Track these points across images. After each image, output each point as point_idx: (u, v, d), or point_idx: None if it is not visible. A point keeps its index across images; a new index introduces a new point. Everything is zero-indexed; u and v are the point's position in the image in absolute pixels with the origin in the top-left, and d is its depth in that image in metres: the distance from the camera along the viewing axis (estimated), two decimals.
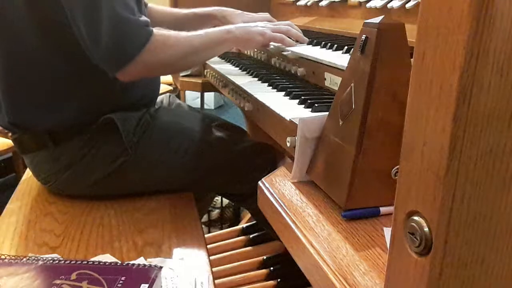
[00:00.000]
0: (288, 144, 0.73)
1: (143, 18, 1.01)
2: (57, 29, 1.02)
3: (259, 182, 0.74)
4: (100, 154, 1.09)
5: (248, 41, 1.16)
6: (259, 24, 1.21)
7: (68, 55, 1.05)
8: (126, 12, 0.96)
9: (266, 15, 1.40)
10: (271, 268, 1.40)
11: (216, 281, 1.21)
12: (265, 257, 1.45)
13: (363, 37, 0.56)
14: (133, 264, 0.81)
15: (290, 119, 0.76)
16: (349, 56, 0.61)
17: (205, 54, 1.13)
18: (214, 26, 1.19)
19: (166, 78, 2.46)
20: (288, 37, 1.19)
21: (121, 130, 1.07)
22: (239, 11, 1.38)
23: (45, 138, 1.08)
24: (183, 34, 1.08)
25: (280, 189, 0.69)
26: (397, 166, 0.36)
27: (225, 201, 2.07)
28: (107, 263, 0.82)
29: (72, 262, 0.82)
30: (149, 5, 1.36)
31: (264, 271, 1.40)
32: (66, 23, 0.99)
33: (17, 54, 1.05)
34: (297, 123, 0.67)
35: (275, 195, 0.68)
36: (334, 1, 1.39)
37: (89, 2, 0.94)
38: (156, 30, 1.01)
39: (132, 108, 1.13)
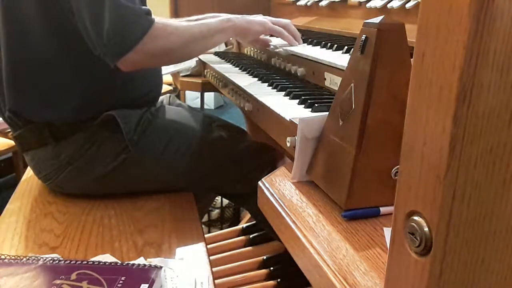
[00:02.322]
0: (288, 144, 0.73)
1: (145, 7, 1.02)
2: (61, 23, 1.03)
3: (259, 182, 0.74)
4: (101, 151, 1.10)
5: (247, 30, 1.16)
6: (258, 16, 1.22)
7: (70, 49, 1.06)
8: (127, 1, 0.97)
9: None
10: (271, 268, 1.40)
11: (216, 281, 1.21)
12: (265, 257, 1.45)
13: (363, 37, 0.56)
14: (133, 264, 0.81)
15: (290, 119, 0.76)
16: (349, 56, 0.61)
17: (205, 42, 1.13)
18: None
19: (166, 78, 2.45)
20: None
21: (122, 127, 1.07)
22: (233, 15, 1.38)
23: (46, 134, 1.09)
24: (184, 23, 1.09)
25: (280, 189, 0.69)
26: (397, 166, 0.36)
27: (225, 201, 2.07)
28: (107, 263, 0.82)
29: (72, 262, 0.82)
30: None
31: (264, 271, 1.40)
32: (70, 16, 1.00)
33: (21, 45, 1.06)
34: (297, 123, 0.67)
35: (275, 195, 0.68)
36: (334, 1, 1.39)
37: None
38: (157, 19, 1.02)
39: (133, 106, 1.13)
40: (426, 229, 0.32)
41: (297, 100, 0.90)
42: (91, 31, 0.97)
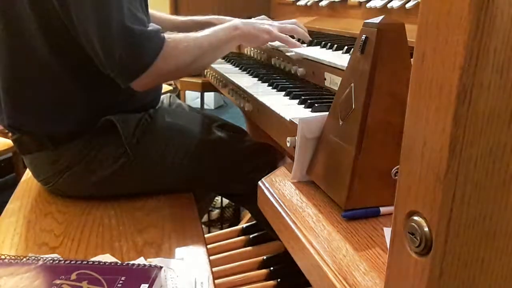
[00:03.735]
0: (288, 144, 0.73)
1: (154, 26, 1.01)
2: (64, 39, 1.02)
3: (259, 182, 0.74)
4: (100, 155, 1.09)
5: (254, 38, 1.16)
6: (265, 22, 1.22)
7: (73, 64, 1.05)
8: (137, 24, 0.96)
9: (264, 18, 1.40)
10: (271, 268, 1.40)
11: (216, 281, 1.21)
12: (265, 257, 1.45)
13: (363, 37, 0.56)
14: (133, 264, 0.81)
15: (290, 119, 0.76)
16: (349, 56, 0.61)
17: (214, 53, 1.13)
18: None
19: None
20: (293, 37, 1.20)
21: (120, 132, 1.07)
22: (237, 19, 1.38)
23: (44, 140, 1.08)
24: (192, 36, 1.08)
25: (280, 189, 0.69)
26: (397, 166, 0.36)
27: (225, 201, 2.07)
28: (107, 263, 0.82)
29: (72, 262, 0.82)
30: (149, 11, 1.36)
31: (264, 271, 1.40)
32: (74, 33, 0.99)
33: (22, 59, 1.05)
34: (297, 123, 0.67)
35: (275, 195, 0.68)
36: (334, 1, 1.39)
37: (100, 19, 0.94)
38: (167, 36, 1.02)
39: (133, 112, 1.13)
40: (426, 229, 0.32)
41: (297, 100, 0.90)
42: (101, 54, 0.96)
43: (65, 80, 1.06)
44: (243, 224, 1.71)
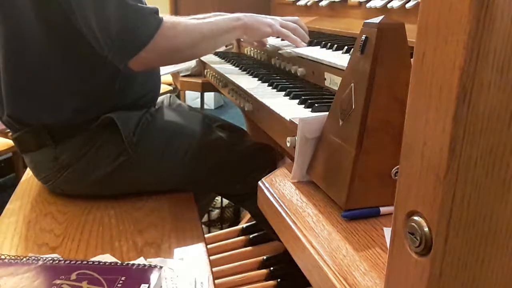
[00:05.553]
0: (288, 144, 0.73)
1: (152, 6, 1.01)
2: (60, 27, 1.02)
3: (259, 182, 0.74)
4: (100, 153, 1.09)
5: (256, 30, 1.17)
6: (268, 16, 1.22)
7: (69, 53, 1.05)
8: (133, 1, 0.96)
9: None
10: (271, 268, 1.40)
11: (216, 281, 1.21)
12: (265, 257, 1.45)
13: (363, 37, 0.56)
14: (133, 264, 0.81)
15: (290, 119, 0.76)
16: (349, 56, 0.61)
17: (215, 41, 1.13)
18: None
19: (166, 78, 2.46)
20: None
21: (121, 130, 1.07)
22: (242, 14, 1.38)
23: (45, 136, 1.09)
24: (193, 21, 1.08)
25: (280, 189, 0.69)
26: (397, 166, 0.36)
27: (225, 201, 2.07)
28: (107, 263, 0.82)
29: (72, 262, 0.82)
30: None
31: (264, 271, 1.40)
32: (71, 20, 0.99)
33: (19, 50, 1.06)
34: (297, 123, 0.67)
35: (275, 195, 0.68)
36: (334, 1, 1.39)
37: None
38: (165, 18, 1.02)
39: (132, 108, 1.13)
40: (426, 229, 0.32)
41: (297, 100, 0.90)
42: (98, 32, 0.96)
43: (62, 67, 1.06)
44: (243, 224, 1.71)
